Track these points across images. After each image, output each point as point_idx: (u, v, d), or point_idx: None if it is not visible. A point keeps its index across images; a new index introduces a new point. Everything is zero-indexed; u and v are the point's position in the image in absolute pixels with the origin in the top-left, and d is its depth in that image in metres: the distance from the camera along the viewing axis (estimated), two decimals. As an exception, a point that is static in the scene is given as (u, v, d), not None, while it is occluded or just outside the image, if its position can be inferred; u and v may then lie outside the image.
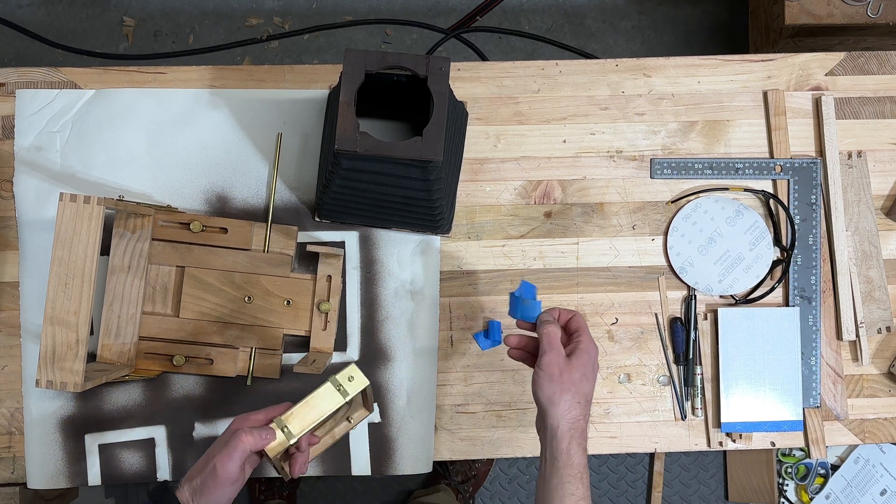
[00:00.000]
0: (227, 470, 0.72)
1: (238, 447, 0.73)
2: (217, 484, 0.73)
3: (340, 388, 0.76)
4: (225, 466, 0.72)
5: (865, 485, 1.58)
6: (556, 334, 0.77)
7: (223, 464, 0.72)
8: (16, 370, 0.94)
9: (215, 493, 0.73)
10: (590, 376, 0.76)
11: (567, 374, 0.75)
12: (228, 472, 0.72)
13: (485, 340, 0.96)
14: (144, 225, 0.90)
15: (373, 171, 0.78)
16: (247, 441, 0.73)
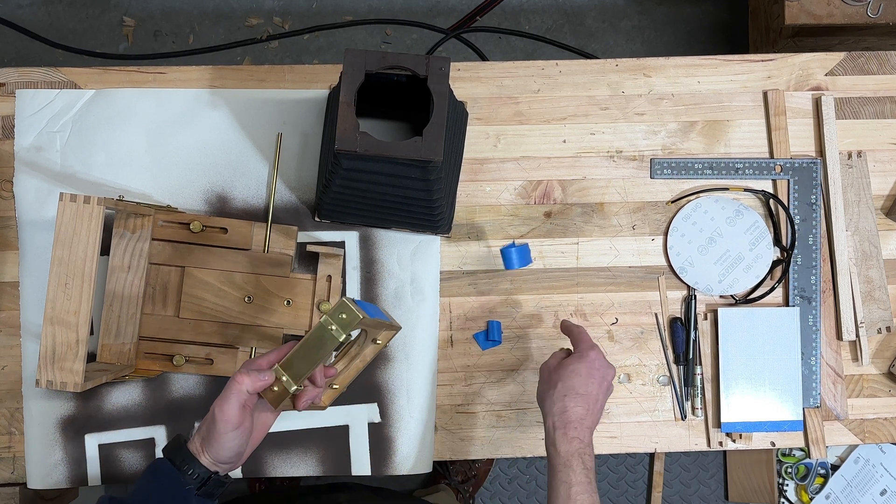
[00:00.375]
0: (225, 414, 0.70)
1: (233, 388, 0.71)
2: (218, 430, 0.71)
3: (333, 328, 0.71)
4: (222, 410, 0.70)
5: (865, 485, 1.58)
6: (557, 355, 0.84)
7: (220, 407, 0.71)
8: (16, 370, 0.94)
9: (220, 440, 0.71)
10: (581, 372, 0.80)
11: (555, 373, 0.81)
12: (227, 416, 0.70)
13: (485, 340, 0.96)
14: (144, 225, 0.90)
15: (373, 171, 0.78)
16: (242, 381, 0.71)
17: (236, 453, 0.73)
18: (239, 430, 0.72)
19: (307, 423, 0.94)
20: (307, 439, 0.94)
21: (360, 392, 0.94)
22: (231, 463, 0.74)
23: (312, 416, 0.94)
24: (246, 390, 0.71)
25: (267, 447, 0.93)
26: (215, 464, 0.73)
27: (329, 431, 0.94)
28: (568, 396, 0.78)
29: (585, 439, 0.77)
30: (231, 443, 0.72)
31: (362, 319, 0.72)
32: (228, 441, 0.72)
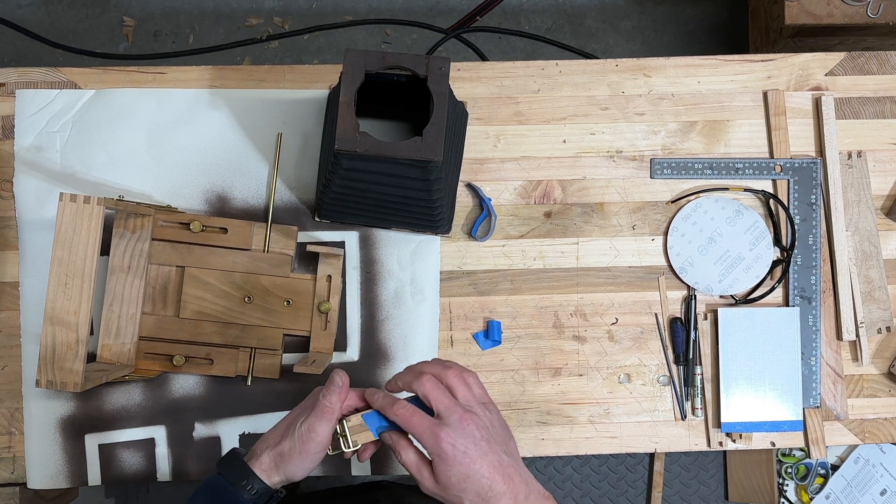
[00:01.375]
0: (320, 435, 0.69)
1: (325, 409, 0.70)
2: (309, 449, 0.70)
3: None
4: (316, 432, 0.69)
5: (865, 485, 1.58)
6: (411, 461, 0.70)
7: (314, 429, 0.69)
8: (16, 370, 0.94)
9: (304, 460, 0.70)
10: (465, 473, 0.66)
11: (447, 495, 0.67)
12: (321, 437, 0.69)
13: (485, 340, 0.96)
14: (144, 225, 0.90)
15: (373, 171, 0.78)
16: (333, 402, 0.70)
17: (310, 471, 0.73)
18: (319, 456, 0.71)
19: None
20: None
21: (360, 392, 0.94)
22: (293, 479, 0.73)
23: (312, 416, 0.93)
24: (338, 408, 0.71)
25: (267, 447, 0.93)
26: (285, 482, 0.73)
27: (329, 431, 0.94)
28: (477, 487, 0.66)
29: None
30: (313, 462, 0.71)
31: None
32: (312, 461, 0.71)
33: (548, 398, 0.96)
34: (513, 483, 0.67)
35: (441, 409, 0.68)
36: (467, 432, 0.67)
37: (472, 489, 0.66)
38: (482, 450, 0.67)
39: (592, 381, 0.97)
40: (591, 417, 0.97)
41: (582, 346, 0.97)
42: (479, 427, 0.68)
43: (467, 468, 0.66)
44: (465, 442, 0.66)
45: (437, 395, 0.69)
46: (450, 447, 0.66)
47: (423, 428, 0.68)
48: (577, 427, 0.96)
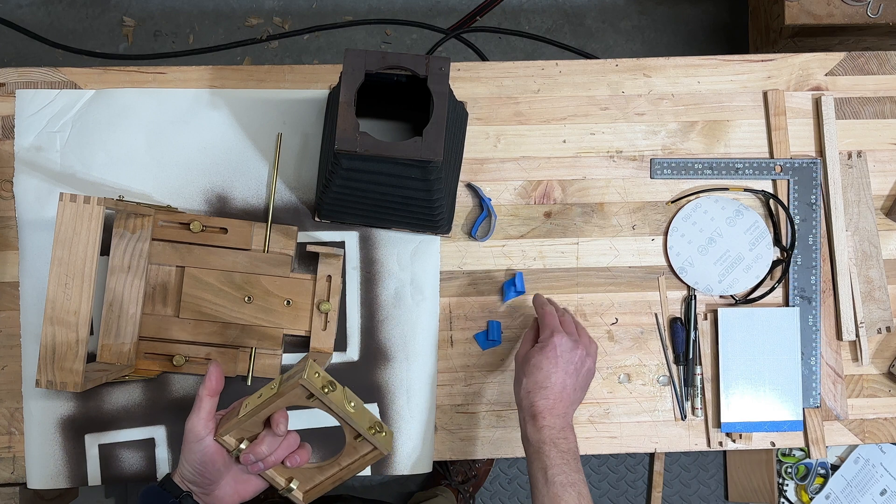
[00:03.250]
0: (193, 424, 0.75)
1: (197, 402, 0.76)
2: (186, 440, 0.75)
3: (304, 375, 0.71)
4: (190, 421, 0.75)
5: (865, 485, 1.58)
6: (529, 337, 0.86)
7: (189, 420, 0.75)
8: (16, 370, 0.94)
9: (186, 451, 0.75)
10: (542, 365, 0.81)
11: (521, 368, 0.83)
12: (194, 426, 0.74)
13: (485, 340, 0.96)
14: (144, 225, 0.90)
15: (373, 171, 0.78)
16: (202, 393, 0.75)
17: (198, 472, 0.75)
18: (201, 444, 0.75)
19: (307, 423, 0.94)
20: (307, 439, 0.93)
21: (360, 392, 0.94)
22: (196, 484, 0.76)
23: (312, 416, 0.94)
24: (208, 395, 0.75)
25: (267, 447, 0.93)
26: (185, 483, 0.77)
27: (329, 431, 0.94)
28: (532, 392, 0.80)
29: (557, 425, 0.79)
30: (193, 455, 0.75)
31: (340, 388, 0.74)
32: (191, 454, 0.75)
33: (548, 398, 0.96)
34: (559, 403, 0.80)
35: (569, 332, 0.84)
36: (572, 352, 0.82)
37: (535, 378, 0.81)
38: (567, 370, 0.82)
39: (593, 381, 0.97)
40: (591, 417, 0.97)
41: (582, 346, 0.97)
42: (579, 361, 0.83)
43: (550, 363, 0.81)
44: (564, 355, 0.82)
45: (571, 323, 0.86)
46: (554, 344, 0.82)
47: (552, 319, 0.85)
48: (578, 427, 0.96)
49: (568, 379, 0.81)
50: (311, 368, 0.71)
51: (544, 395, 0.80)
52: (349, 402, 0.74)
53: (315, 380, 0.71)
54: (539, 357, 0.81)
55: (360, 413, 0.75)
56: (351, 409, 0.74)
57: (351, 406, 0.74)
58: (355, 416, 0.75)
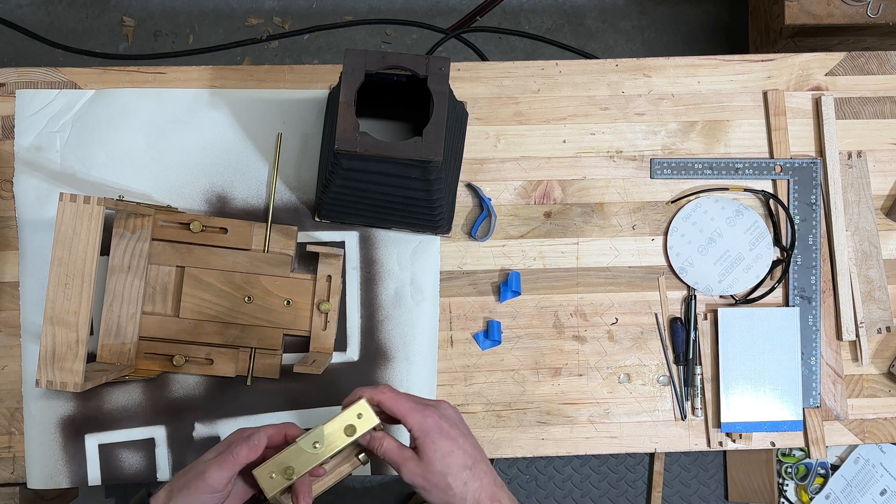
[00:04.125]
0: (215, 479, 0.69)
1: (230, 459, 0.70)
2: (197, 488, 0.70)
3: (349, 426, 0.72)
4: (213, 476, 0.69)
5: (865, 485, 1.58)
6: (391, 449, 0.73)
7: (211, 473, 0.70)
8: (16, 370, 0.94)
9: (194, 496, 0.70)
10: (449, 448, 0.70)
11: (431, 476, 0.70)
12: (215, 482, 0.69)
13: (485, 340, 0.96)
14: (144, 225, 0.90)
15: (373, 171, 0.78)
16: (240, 454, 0.70)
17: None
18: (215, 497, 0.71)
19: (307, 423, 0.94)
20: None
21: (360, 392, 0.94)
22: None
23: (312, 417, 0.93)
24: (243, 462, 0.71)
25: (267, 447, 0.93)
26: None
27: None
28: (468, 476, 0.70)
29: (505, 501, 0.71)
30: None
31: (378, 423, 0.73)
32: (198, 502, 0.70)
33: (548, 398, 0.96)
34: (487, 463, 0.71)
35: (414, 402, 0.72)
36: (447, 414, 0.72)
37: (456, 464, 0.70)
38: (461, 430, 0.72)
39: (592, 381, 0.97)
40: (591, 417, 0.97)
41: (582, 346, 0.97)
42: (453, 412, 0.74)
43: (453, 443, 0.70)
44: (447, 422, 0.71)
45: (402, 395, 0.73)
46: (435, 423, 0.71)
47: (408, 406, 0.72)
48: (577, 427, 0.96)
49: (474, 439, 0.73)
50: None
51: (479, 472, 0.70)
52: None
53: None
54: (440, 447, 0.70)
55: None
56: None
57: None
58: None
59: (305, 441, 0.73)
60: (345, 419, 0.73)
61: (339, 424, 0.73)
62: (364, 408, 0.73)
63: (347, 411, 0.73)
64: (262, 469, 0.73)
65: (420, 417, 0.71)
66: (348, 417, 0.73)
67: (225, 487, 0.71)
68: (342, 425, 0.73)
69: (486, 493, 0.71)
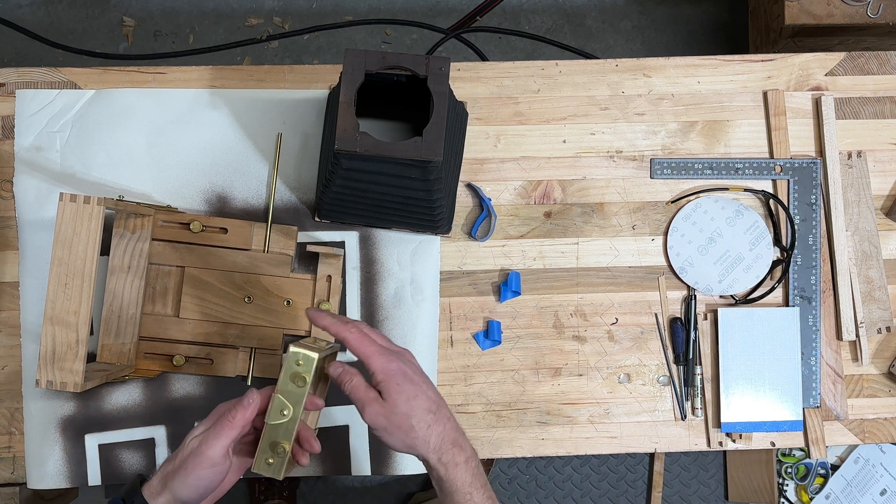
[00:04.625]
0: (213, 448, 0.68)
1: (226, 425, 0.69)
2: (195, 463, 0.68)
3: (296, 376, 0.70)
4: (210, 445, 0.68)
5: (865, 485, 1.58)
6: (358, 387, 0.71)
7: (208, 443, 0.68)
8: (16, 370, 0.94)
9: (190, 475, 0.68)
10: (413, 392, 0.70)
11: (395, 417, 0.69)
12: (213, 452, 0.68)
13: (485, 340, 0.96)
14: (144, 225, 0.90)
15: (373, 171, 0.78)
16: (236, 418, 0.69)
17: (201, 495, 0.69)
18: (214, 471, 0.69)
19: (307, 423, 0.94)
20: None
21: (360, 392, 0.94)
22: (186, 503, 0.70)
23: (312, 416, 0.94)
24: (239, 425, 0.69)
25: (267, 447, 0.93)
26: (172, 502, 0.69)
27: (329, 431, 0.94)
28: (431, 421, 0.70)
29: (469, 450, 0.72)
30: (201, 482, 0.68)
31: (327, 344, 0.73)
32: (199, 479, 0.68)
33: (548, 398, 0.96)
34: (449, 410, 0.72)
35: (378, 346, 0.72)
36: (411, 361, 0.73)
37: (420, 407, 0.70)
38: (423, 378, 0.72)
39: (592, 381, 0.97)
40: (591, 417, 0.97)
41: (582, 346, 0.97)
42: (415, 361, 0.74)
43: (416, 388, 0.70)
44: (410, 368, 0.72)
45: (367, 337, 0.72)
46: (399, 367, 0.70)
47: (373, 350, 0.71)
48: (577, 427, 0.96)
49: (431, 386, 0.72)
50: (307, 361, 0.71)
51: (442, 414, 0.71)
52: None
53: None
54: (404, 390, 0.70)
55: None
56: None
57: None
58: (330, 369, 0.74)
59: (273, 417, 0.71)
60: (288, 374, 0.71)
61: (286, 381, 0.71)
62: (297, 354, 0.71)
63: (284, 367, 0.71)
64: (257, 463, 0.72)
65: (384, 361, 0.70)
66: (290, 370, 0.71)
67: (224, 459, 0.69)
68: (289, 380, 0.71)
69: (448, 438, 0.71)
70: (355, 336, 0.72)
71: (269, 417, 0.71)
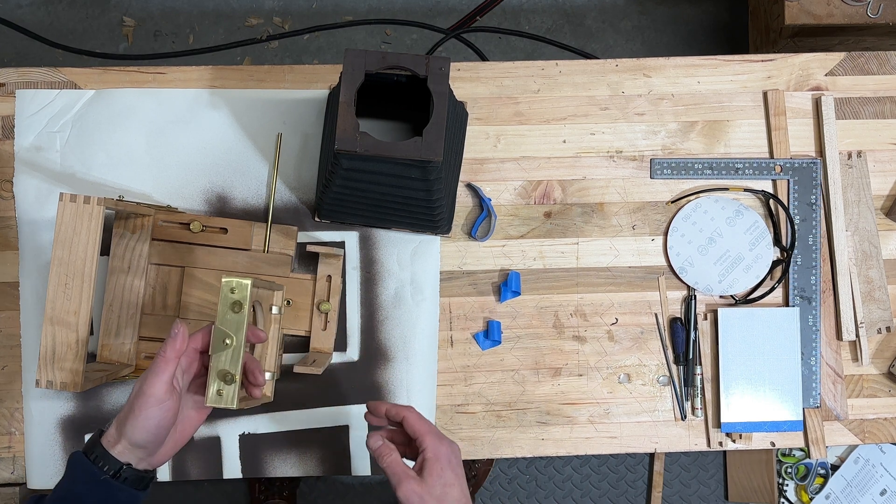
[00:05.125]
0: (153, 387, 0.68)
1: (160, 362, 0.70)
2: (140, 405, 0.68)
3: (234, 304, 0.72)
4: (150, 384, 0.69)
5: (865, 485, 1.58)
6: (397, 462, 0.73)
7: (147, 381, 0.69)
8: (16, 370, 0.94)
9: (138, 416, 0.68)
10: (452, 481, 0.72)
11: (428, 499, 0.71)
12: (153, 390, 0.68)
13: (485, 340, 0.96)
14: (144, 225, 0.90)
15: (373, 171, 0.78)
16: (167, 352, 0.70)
17: (154, 435, 0.70)
18: (161, 408, 0.69)
19: (307, 424, 0.94)
20: (307, 439, 0.94)
21: (360, 392, 0.94)
22: (146, 448, 0.70)
23: (312, 416, 0.94)
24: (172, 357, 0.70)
25: (267, 447, 0.93)
26: (131, 449, 0.70)
27: (329, 431, 0.94)
28: None
29: None
30: (149, 421, 0.69)
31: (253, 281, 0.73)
32: (147, 419, 0.69)
33: (548, 398, 0.96)
34: None
35: (434, 428, 0.76)
36: (457, 453, 0.75)
37: (452, 497, 0.72)
38: (462, 471, 0.75)
39: (592, 381, 0.97)
40: (591, 417, 0.97)
41: (582, 346, 0.97)
42: (460, 454, 0.76)
43: (456, 477, 0.73)
44: (455, 458, 0.75)
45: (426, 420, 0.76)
46: (447, 453, 0.74)
47: (430, 430, 0.75)
48: (577, 427, 0.96)
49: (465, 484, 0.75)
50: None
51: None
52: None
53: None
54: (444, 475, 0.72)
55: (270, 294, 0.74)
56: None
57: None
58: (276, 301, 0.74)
59: (216, 348, 0.72)
60: (226, 304, 0.72)
61: (225, 312, 0.72)
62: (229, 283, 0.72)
63: (220, 300, 0.72)
64: (208, 396, 0.72)
65: (437, 442, 0.74)
66: (226, 301, 0.72)
67: (168, 395, 0.69)
68: (228, 310, 0.72)
69: None
70: (415, 414, 0.76)
71: (213, 349, 0.72)
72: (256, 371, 0.75)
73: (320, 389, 0.94)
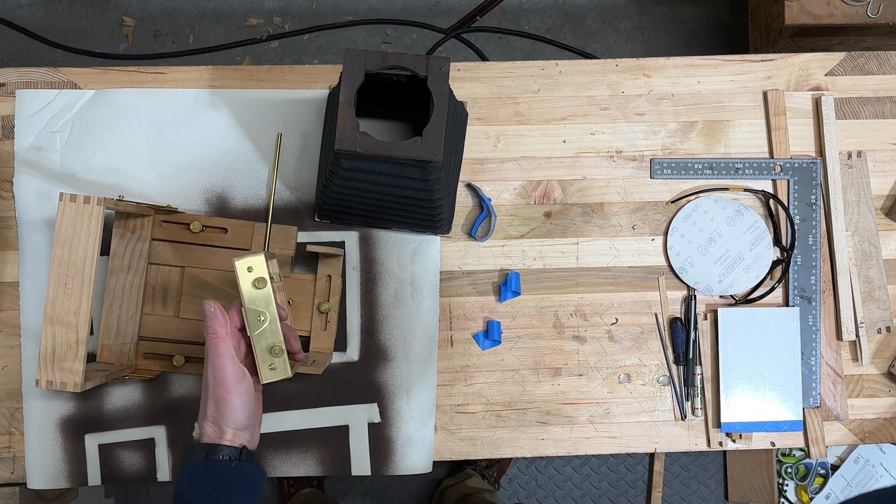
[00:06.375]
0: (225, 370, 0.72)
1: (216, 344, 0.73)
2: (229, 387, 0.72)
3: (256, 280, 0.76)
4: (220, 368, 0.72)
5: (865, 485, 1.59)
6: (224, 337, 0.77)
7: (215, 369, 0.72)
8: (16, 370, 0.94)
9: (230, 402, 0.72)
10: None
11: None
12: (227, 372, 0.72)
13: (485, 340, 0.96)
14: (144, 225, 0.90)
15: (373, 171, 0.78)
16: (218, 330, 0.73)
17: (250, 413, 0.74)
18: (244, 382, 0.73)
19: (307, 424, 0.94)
20: (307, 439, 0.94)
21: (360, 392, 0.94)
22: (250, 428, 0.75)
23: (312, 416, 0.94)
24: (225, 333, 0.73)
25: (267, 447, 0.93)
26: (239, 434, 0.74)
27: (329, 431, 0.94)
28: None
29: None
30: (242, 398, 0.73)
31: (265, 253, 0.77)
32: (240, 396, 0.73)
33: (548, 398, 0.96)
34: None
35: None
36: None
37: None
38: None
39: (592, 381, 0.97)
40: (591, 417, 0.97)
41: (582, 346, 0.97)
42: None
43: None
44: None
45: None
46: None
47: None
48: (577, 427, 0.96)
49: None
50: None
51: None
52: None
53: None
54: None
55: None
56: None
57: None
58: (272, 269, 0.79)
59: (253, 327, 0.75)
60: (246, 283, 0.75)
61: (249, 291, 0.75)
62: (244, 264, 0.76)
63: (239, 281, 0.75)
64: (262, 374, 0.76)
65: None
66: (246, 280, 0.75)
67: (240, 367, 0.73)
68: (251, 288, 0.75)
69: None
70: None
71: (251, 329, 0.75)
72: (292, 338, 0.79)
73: (320, 389, 0.94)
